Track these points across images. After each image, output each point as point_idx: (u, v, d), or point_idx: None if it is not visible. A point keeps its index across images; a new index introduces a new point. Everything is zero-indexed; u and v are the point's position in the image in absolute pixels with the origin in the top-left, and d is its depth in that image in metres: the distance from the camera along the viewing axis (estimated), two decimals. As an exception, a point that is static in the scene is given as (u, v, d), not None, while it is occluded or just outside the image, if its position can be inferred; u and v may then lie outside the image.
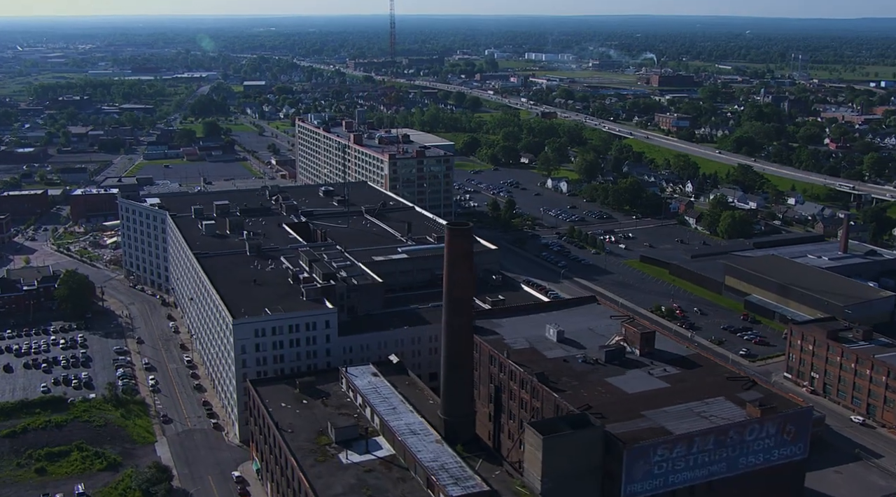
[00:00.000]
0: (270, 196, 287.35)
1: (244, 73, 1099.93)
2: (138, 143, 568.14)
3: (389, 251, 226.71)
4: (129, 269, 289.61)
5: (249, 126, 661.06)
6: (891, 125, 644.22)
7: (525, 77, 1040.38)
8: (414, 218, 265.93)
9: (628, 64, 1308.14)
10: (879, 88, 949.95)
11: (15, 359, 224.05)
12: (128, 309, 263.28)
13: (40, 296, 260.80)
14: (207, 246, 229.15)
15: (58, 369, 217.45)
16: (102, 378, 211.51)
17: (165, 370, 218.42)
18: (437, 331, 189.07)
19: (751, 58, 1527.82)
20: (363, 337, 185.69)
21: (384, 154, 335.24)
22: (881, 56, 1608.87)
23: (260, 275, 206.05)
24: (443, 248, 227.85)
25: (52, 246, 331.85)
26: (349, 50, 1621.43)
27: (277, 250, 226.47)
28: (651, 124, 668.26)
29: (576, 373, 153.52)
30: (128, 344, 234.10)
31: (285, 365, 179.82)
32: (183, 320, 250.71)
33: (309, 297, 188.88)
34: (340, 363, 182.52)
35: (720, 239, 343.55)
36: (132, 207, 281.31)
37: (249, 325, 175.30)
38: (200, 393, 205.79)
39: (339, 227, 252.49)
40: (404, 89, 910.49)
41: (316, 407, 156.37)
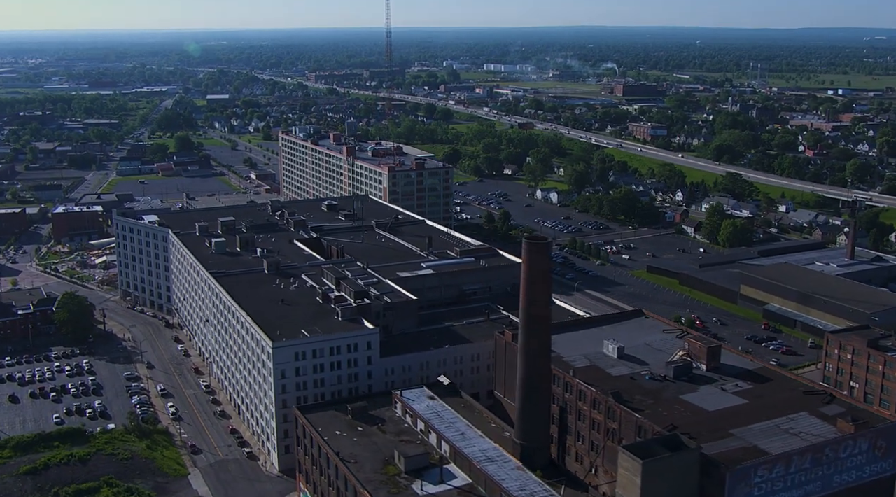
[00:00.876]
0: (273, 211, 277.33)
1: (205, 87, 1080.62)
2: (108, 159, 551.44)
3: (413, 267, 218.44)
4: (125, 289, 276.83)
5: (221, 140, 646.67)
6: (860, 132, 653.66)
7: (490, 88, 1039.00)
8: (427, 232, 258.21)
9: (589, 74, 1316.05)
10: (838, 96, 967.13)
11: (19, 388, 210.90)
12: (130, 332, 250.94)
13: (37, 320, 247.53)
14: (221, 264, 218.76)
15: (68, 398, 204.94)
16: (117, 407, 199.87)
17: (183, 396, 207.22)
18: (479, 349, 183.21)
19: (707, 67, 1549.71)
20: (405, 358, 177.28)
21: (383, 167, 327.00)
22: (830, 65, 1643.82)
23: (285, 294, 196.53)
24: (467, 262, 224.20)
25: (36, 267, 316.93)
26: (306, 63, 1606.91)
27: (296, 268, 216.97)
28: (625, 134, 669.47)
29: (647, 391, 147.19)
30: (137, 369, 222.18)
31: (325, 389, 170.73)
32: (192, 343, 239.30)
33: (344, 317, 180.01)
34: (382, 386, 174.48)
35: (721, 248, 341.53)
36: (129, 225, 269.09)
37: (289, 349, 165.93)
38: (225, 420, 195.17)
39: (352, 242, 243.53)
40: (370, 101, 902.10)
41: (373, 434, 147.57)
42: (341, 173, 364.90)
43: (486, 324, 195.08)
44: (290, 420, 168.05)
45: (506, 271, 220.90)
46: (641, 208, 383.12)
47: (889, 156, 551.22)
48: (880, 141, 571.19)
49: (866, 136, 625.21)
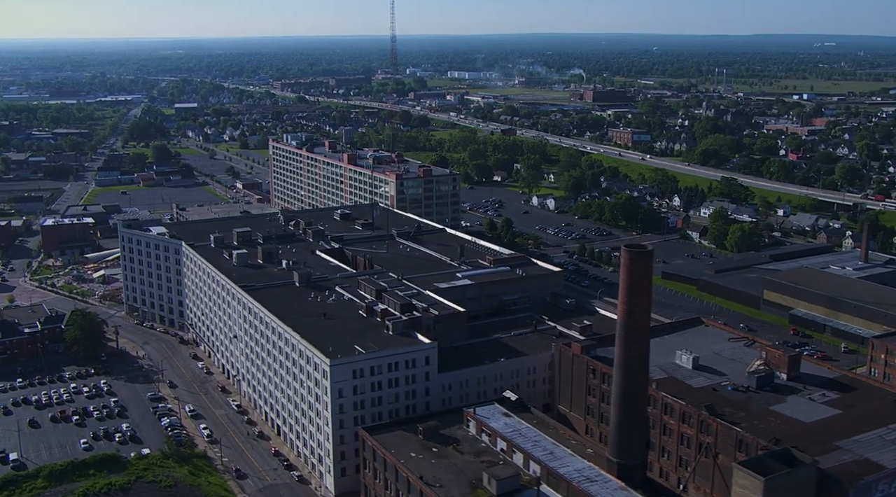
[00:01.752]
0: (286, 221, 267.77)
1: (171, 96, 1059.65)
2: (84, 169, 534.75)
3: (449, 277, 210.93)
4: (131, 305, 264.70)
5: (198, 150, 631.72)
6: (836, 136, 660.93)
7: (461, 95, 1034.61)
8: (449, 240, 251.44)
9: (555, 80, 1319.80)
10: (803, 100, 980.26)
11: (37, 412, 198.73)
12: (143, 349, 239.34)
13: (44, 338, 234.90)
14: (247, 278, 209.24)
15: (92, 422, 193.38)
16: (147, 430, 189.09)
17: (214, 417, 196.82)
18: (535, 362, 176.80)
19: (669, 73, 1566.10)
20: (463, 373, 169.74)
21: (390, 174, 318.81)
22: (789, 70, 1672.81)
23: (325, 308, 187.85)
24: (503, 271, 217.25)
25: (30, 282, 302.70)
26: (268, 71, 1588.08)
27: (327, 280, 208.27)
28: (605, 139, 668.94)
29: (733, 402, 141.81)
30: (160, 389, 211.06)
31: (383, 408, 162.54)
32: (212, 360, 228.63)
33: (395, 331, 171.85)
34: (439, 403, 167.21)
35: (729, 253, 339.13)
36: (137, 237, 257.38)
37: (347, 366, 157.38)
38: (264, 441, 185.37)
39: (378, 252, 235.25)
40: (341, 109, 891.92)
41: (450, 455, 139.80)
42: (341, 182, 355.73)
43: (535, 335, 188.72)
44: (346, 441, 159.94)
45: (543, 280, 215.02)
46: (643, 214, 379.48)
47: (870, 159, 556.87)
48: (860, 144, 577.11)
49: (843, 140, 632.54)
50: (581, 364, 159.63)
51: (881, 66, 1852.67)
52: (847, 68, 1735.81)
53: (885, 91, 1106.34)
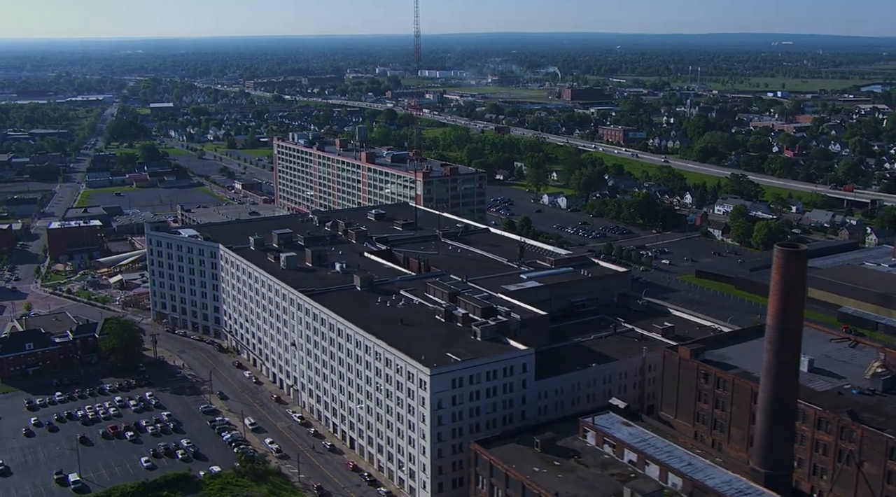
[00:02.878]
0: (321, 223, 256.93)
1: (142, 96, 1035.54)
2: (70, 171, 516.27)
3: (514, 279, 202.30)
4: (159, 311, 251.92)
5: (185, 150, 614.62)
6: (825, 132, 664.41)
7: (440, 94, 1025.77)
8: (495, 240, 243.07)
9: (529, 79, 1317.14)
10: (778, 98, 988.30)
11: (85, 428, 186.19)
12: (180, 358, 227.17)
13: (77, 348, 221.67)
14: (302, 282, 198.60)
15: (147, 438, 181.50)
16: (209, 446, 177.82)
17: (277, 430, 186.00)
18: (626, 367, 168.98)
19: (639, 71, 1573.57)
20: (559, 380, 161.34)
21: (417, 173, 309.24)
22: (755, 68, 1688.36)
23: (396, 313, 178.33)
24: (569, 272, 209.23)
25: (41, 288, 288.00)
26: (236, 71, 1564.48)
27: (388, 283, 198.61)
28: (595, 137, 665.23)
29: (865, 406, 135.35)
30: (211, 401, 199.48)
31: (480, 418, 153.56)
32: (258, 368, 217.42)
33: (484, 337, 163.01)
34: (534, 411, 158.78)
35: (755, 250, 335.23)
36: (166, 240, 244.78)
37: (447, 376, 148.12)
38: (337, 455, 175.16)
39: (428, 253, 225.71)
40: (320, 107, 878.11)
41: (575, 468, 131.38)
42: (358, 181, 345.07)
43: (615, 338, 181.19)
44: (444, 455, 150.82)
45: (611, 281, 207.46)
46: (663, 212, 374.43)
47: (863, 155, 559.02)
48: (853, 141, 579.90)
49: (832, 137, 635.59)
50: (690, 368, 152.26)
51: (843, 64, 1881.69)
52: (811, 66, 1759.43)
53: (857, 88, 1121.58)
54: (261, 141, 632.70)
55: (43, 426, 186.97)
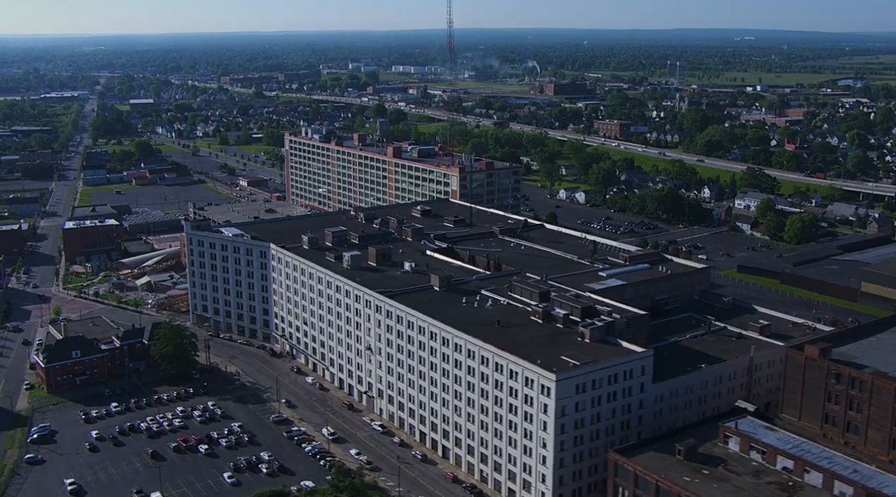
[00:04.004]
0: (368, 220, 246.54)
1: (118, 92, 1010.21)
2: (63, 168, 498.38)
3: (593, 277, 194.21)
4: (200, 314, 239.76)
5: (177, 147, 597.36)
6: (818, 126, 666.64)
7: (423, 89, 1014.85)
8: (553, 237, 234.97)
9: (508, 74, 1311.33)
10: (759, 92, 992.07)
11: (152, 441, 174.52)
12: (232, 364, 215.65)
13: (124, 355, 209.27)
14: (372, 282, 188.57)
15: (223, 451, 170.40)
16: (292, 458, 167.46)
17: (359, 440, 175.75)
18: (734, 367, 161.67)
19: (613, 66, 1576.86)
20: (674, 383, 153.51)
21: (453, 168, 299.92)
22: (726, 63, 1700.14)
23: (486, 314, 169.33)
24: (648, 269, 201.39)
25: (64, 291, 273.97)
26: (207, 67, 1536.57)
27: (465, 282, 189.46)
28: (591, 131, 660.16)
29: None
30: (280, 410, 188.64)
31: (601, 425, 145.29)
32: (320, 373, 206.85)
33: (593, 339, 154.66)
34: (650, 416, 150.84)
35: (787, 244, 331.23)
36: (209, 240, 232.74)
37: (571, 381, 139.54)
38: (431, 465, 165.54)
39: (492, 251, 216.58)
40: (304, 103, 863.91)
41: (728, 477, 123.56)
42: (384, 176, 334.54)
43: (713, 338, 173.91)
44: (566, 465, 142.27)
45: (692, 278, 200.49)
46: (690, 206, 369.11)
47: (861, 148, 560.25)
48: (850, 134, 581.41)
49: (825, 130, 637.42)
50: (818, 368, 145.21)
51: (810, 59, 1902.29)
52: (780, 61, 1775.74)
53: (834, 82, 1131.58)
54: (253, 137, 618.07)
55: (106, 440, 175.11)
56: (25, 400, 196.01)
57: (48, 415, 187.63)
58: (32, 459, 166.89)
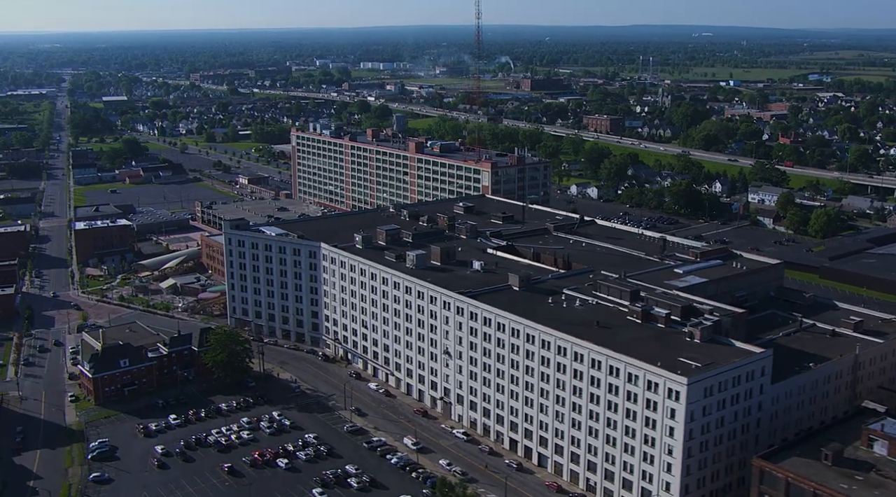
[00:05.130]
0: (414, 217, 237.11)
1: (87, 89, 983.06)
2: (49, 167, 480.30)
3: (669, 274, 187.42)
4: (239, 318, 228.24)
5: (164, 144, 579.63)
6: (804, 120, 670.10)
7: (401, 85, 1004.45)
8: (612, 233, 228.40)
9: (478, 70, 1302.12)
10: (733, 87, 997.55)
11: (222, 455, 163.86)
12: (285, 370, 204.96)
13: (172, 363, 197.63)
14: (445, 282, 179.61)
15: (304, 465, 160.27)
16: (380, 471, 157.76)
17: (444, 450, 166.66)
18: (840, 366, 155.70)
19: (581, 62, 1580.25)
20: (789, 383, 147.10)
21: (485, 164, 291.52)
22: (692, 59, 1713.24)
23: (580, 314, 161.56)
24: (721, 266, 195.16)
25: (84, 295, 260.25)
26: (172, 64, 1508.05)
27: (542, 282, 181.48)
28: (580, 126, 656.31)
29: None
30: (352, 419, 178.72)
31: (724, 430, 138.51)
32: (383, 379, 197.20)
33: (703, 339, 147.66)
34: (768, 418, 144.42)
35: (813, 238, 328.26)
36: (251, 240, 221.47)
37: (701, 384, 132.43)
38: (528, 475, 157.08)
39: (554, 248, 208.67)
40: (282, 100, 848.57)
41: (885, 483, 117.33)
42: (405, 173, 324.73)
43: (808, 335, 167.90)
44: (692, 472, 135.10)
45: (766, 274, 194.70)
46: (709, 201, 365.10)
47: (851, 141, 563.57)
48: (841, 128, 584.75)
49: (812, 124, 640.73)
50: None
51: (772, 54, 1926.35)
52: (743, 57, 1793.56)
53: (804, 77, 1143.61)
54: (240, 134, 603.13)
55: (173, 455, 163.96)
56: (73, 413, 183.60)
57: (102, 429, 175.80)
58: (99, 479, 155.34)
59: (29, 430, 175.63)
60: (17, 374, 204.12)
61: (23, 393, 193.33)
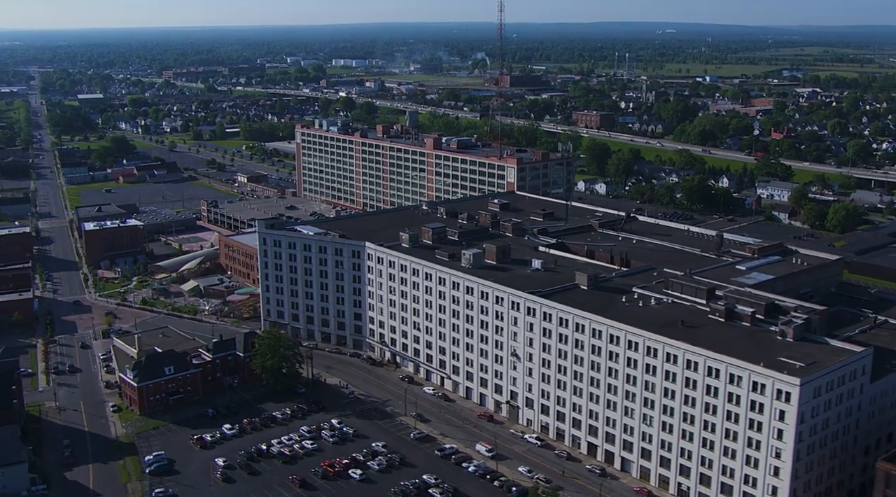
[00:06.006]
0: (451, 215, 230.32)
1: (59, 87, 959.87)
2: (35, 167, 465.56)
3: (733, 271, 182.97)
4: (274, 321, 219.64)
5: (151, 143, 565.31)
6: (790, 116, 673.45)
7: (381, 82, 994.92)
8: (658, 229, 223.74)
9: (458, 66, 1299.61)
10: (714, 83, 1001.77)
11: (288, 467, 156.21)
12: (331, 375, 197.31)
13: (216, 370, 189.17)
14: (509, 282, 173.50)
15: (378, 476, 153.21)
16: (457, 480, 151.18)
17: (519, 456, 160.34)
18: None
19: (554, 59, 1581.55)
20: (886, 382, 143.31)
21: (510, 160, 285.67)
22: (662, 55, 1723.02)
23: (662, 313, 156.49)
24: (780, 262, 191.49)
25: (106, 299, 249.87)
26: (140, 62, 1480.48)
27: (608, 280, 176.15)
28: (569, 122, 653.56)
29: None
30: (416, 426, 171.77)
31: (829, 430, 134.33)
32: (435, 382, 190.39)
33: (797, 338, 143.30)
34: (866, 417, 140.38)
35: (830, 233, 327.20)
36: (289, 240, 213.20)
37: (811, 385, 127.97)
38: (612, 480, 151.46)
39: (606, 245, 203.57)
40: (262, 97, 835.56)
41: None
42: (422, 170, 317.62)
43: (884, 332, 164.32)
44: (800, 476, 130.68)
45: (827, 270, 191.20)
46: (724, 197, 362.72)
47: (840, 136, 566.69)
48: (831, 123, 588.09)
49: (799, 120, 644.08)
50: None
51: (739, 51, 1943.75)
52: (711, 54, 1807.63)
53: (778, 73, 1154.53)
54: (227, 131, 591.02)
55: (236, 468, 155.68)
56: (119, 424, 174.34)
57: (153, 441, 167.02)
58: (163, 494, 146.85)
59: (75, 443, 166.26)
60: (50, 383, 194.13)
61: (60, 403, 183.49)
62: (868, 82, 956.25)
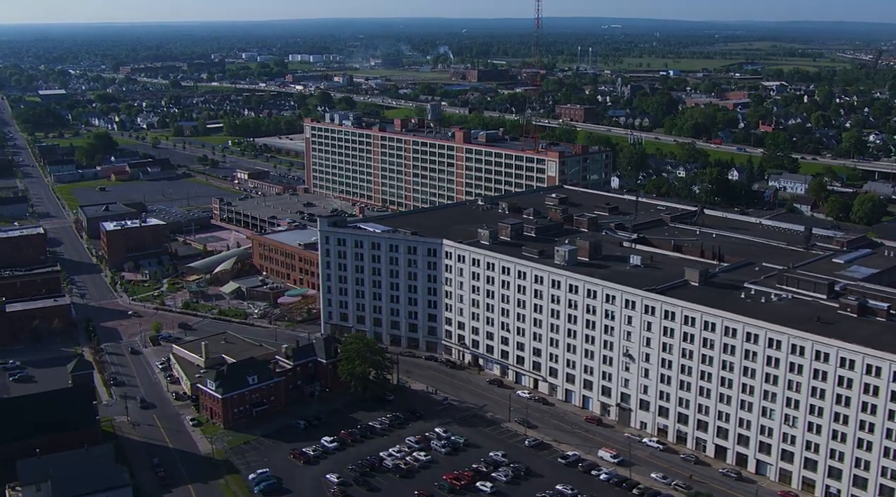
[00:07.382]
0: (513, 210, 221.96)
1: (15, 83, 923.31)
2: (16, 165, 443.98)
3: (833, 265, 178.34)
4: (336, 324, 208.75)
5: (133, 139, 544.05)
6: (769, 108, 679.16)
7: (349, 77, 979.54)
8: (731, 223, 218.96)
9: (421, 61, 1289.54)
10: (672, 77, 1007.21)
11: (407, 482, 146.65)
12: (414, 380, 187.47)
13: (297, 378, 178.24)
14: (615, 279, 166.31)
15: (505, 487, 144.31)
16: (592, 489, 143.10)
17: (646, 461, 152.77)
18: None
19: (512, 54, 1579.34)
20: None
21: (551, 154, 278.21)
22: (616, 50, 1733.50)
23: (789, 309, 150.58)
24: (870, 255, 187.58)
25: (143, 304, 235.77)
26: (91, 58, 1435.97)
27: (715, 275, 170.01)
28: (553, 115, 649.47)
29: None
30: (527, 432, 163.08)
31: None
32: (528, 384, 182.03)
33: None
34: None
35: (856, 225, 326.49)
36: (355, 238, 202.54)
37: None
38: (749, 484, 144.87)
39: (688, 240, 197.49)
40: (231, 92, 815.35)
41: None
42: (451, 164, 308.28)
43: None
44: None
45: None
46: (744, 190, 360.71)
47: (825, 127, 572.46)
48: (815, 115, 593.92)
49: (777, 112, 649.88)
50: None
51: (689, 45, 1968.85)
52: (661, 48, 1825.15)
53: (740, 67, 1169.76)
54: (209, 127, 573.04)
55: (352, 485, 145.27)
56: (203, 439, 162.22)
57: (249, 456, 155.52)
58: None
59: (163, 461, 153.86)
60: (112, 395, 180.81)
61: (132, 418, 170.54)
62: (829, 76, 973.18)
